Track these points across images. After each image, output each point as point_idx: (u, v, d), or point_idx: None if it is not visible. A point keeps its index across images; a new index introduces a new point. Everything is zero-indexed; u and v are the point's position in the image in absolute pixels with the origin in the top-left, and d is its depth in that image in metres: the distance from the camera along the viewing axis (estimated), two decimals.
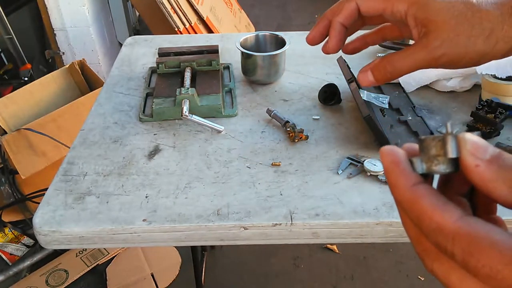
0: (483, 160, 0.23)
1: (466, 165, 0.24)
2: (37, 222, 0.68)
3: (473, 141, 0.24)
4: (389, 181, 0.26)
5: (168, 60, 1.01)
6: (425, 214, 0.24)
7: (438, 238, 0.23)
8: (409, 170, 0.26)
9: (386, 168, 0.26)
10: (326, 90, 0.95)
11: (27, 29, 2.27)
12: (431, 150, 0.25)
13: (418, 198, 0.24)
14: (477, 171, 0.23)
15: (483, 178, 0.23)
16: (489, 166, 0.23)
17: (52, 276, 1.61)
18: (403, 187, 0.25)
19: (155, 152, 0.83)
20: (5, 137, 1.51)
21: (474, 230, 0.22)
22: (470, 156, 0.23)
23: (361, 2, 0.46)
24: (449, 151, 0.24)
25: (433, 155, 0.25)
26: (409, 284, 1.61)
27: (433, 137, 0.25)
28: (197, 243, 0.70)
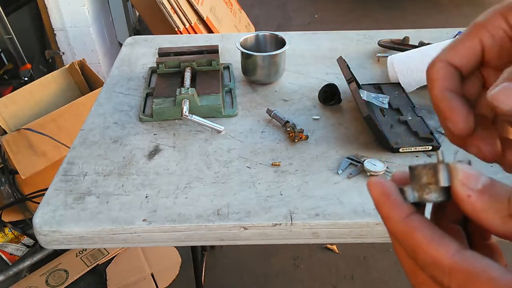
0: (474, 190, 0.23)
1: (458, 195, 0.23)
2: (37, 222, 0.68)
3: (464, 171, 0.23)
4: (381, 214, 0.25)
5: (168, 60, 1.01)
6: (420, 248, 0.23)
7: (434, 272, 0.23)
8: (400, 201, 0.25)
9: (376, 200, 0.25)
10: (326, 90, 0.95)
11: (27, 29, 2.27)
12: (422, 178, 0.25)
13: (412, 231, 0.24)
14: (468, 201, 0.23)
15: (475, 208, 0.23)
16: (481, 197, 0.23)
17: (52, 276, 1.61)
18: (396, 219, 0.24)
19: (155, 152, 0.83)
20: (5, 137, 1.51)
21: (471, 265, 0.22)
22: (462, 186, 0.23)
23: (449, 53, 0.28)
24: (441, 180, 0.24)
25: (424, 183, 0.25)
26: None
27: (423, 165, 0.25)
28: (197, 243, 0.70)
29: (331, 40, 1.23)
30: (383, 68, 1.07)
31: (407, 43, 1.14)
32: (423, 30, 1.24)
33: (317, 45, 1.20)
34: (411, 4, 3.78)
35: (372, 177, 0.26)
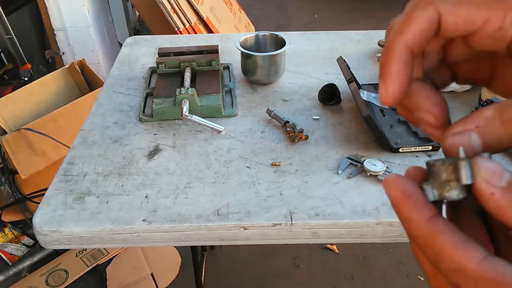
0: (498, 187, 0.22)
1: (481, 193, 0.22)
2: (37, 222, 0.68)
3: (487, 167, 0.22)
4: (401, 215, 0.24)
5: (168, 60, 1.01)
6: (445, 253, 0.22)
7: (458, 280, 0.21)
8: (423, 202, 0.23)
9: (395, 201, 0.23)
10: (326, 90, 0.95)
11: (27, 29, 2.27)
12: (442, 175, 0.23)
13: (436, 235, 0.22)
14: (492, 199, 0.22)
15: (499, 206, 0.22)
16: (505, 194, 0.21)
17: (52, 276, 1.61)
18: (418, 221, 0.23)
19: (155, 152, 0.83)
20: (5, 137, 1.51)
21: (500, 274, 0.21)
22: (485, 183, 0.22)
23: (447, 8, 0.24)
24: (463, 177, 0.22)
25: (444, 180, 0.23)
26: (409, 284, 1.61)
27: (442, 161, 0.23)
28: (197, 243, 0.70)
29: (331, 40, 1.23)
30: None
31: None
32: None
33: (317, 45, 1.20)
34: None
35: (389, 174, 0.25)
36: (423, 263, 0.24)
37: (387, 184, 0.24)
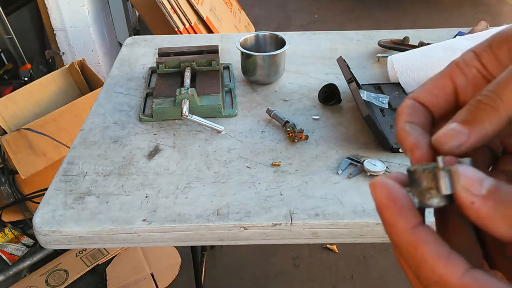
0: (478, 196, 0.21)
1: (461, 202, 0.22)
2: (37, 222, 0.68)
3: (467, 176, 0.22)
4: (384, 220, 0.23)
5: (168, 60, 1.02)
6: (426, 264, 0.21)
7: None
8: (408, 208, 0.23)
9: (380, 204, 0.23)
10: (326, 90, 0.95)
11: (27, 29, 2.27)
12: (422, 182, 0.23)
13: (419, 244, 0.22)
14: (473, 208, 0.21)
15: (480, 215, 0.21)
16: (485, 202, 0.21)
17: (52, 276, 1.61)
18: (402, 228, 0.22)
19: (155, 152, 0.83)
20: (5, 137, 1.51)
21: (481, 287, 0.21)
22: (465, 192, 0.21)
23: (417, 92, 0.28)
24: (442, 188, 0.22)
25: (425, 188, 0.23)
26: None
27: (423, 168, 0.23)
28: (197, 243, 0.70)
29: (331, 40, 1.23)
30: (383, 68, 1.07)
31: (407, 43, 1.14)
32: (423, 30, 1.24)
33: (317, 45, 1.20)
34: (411, 4, 3.78)
35: (375, 177, 0.25)
36: (406, 271, 0.24)
37: (373, 187, 0.24)
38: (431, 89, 0.27)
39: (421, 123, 0.27)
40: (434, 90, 0.27)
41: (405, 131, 0.26)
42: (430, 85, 0.27)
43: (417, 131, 0.26)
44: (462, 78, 0.27)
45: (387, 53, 1.10)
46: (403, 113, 0.27)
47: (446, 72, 0.27)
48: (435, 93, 0.27)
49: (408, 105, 0.27)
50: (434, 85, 0.27)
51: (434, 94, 0.27)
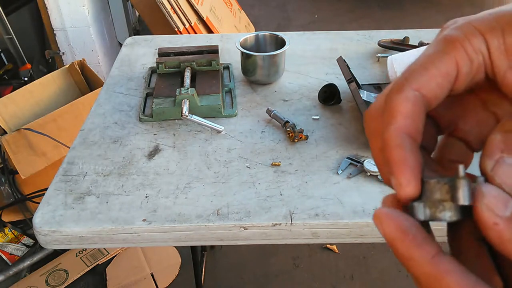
0: (502, 218, 0.19)
1: (483, 221, 0.20)
2: (37, 222, 0.68)
3: (492, 194, 0.20)
4: (399, 253, 0.21)
5: (168, 60, 1.02)
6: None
7: None
8: (423, 238, 0.21)
9: (391, 239, 0.21)
10: (326, 90, 0.95)
11: (27, 29, 2.27)
12: (436, 194, 0.22)
13: (442, 276, 0.20)
14: (495, 229, 0.20)
15: (502, 237, 0.20)
16: (509, 225, 0.19)
17: (52, 276, 1.61)
18: (421, 260, 0.20)
19: (155, 152, 0.83)
20: (5, 137, 1.51)
21: None
22: (488, 212, 0.20)
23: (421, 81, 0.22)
24: (460, 197, 0.21)
25: (438, 199, 0.21)
26: (409, 284, 1.61)
27: (437, 179, 0.22)
28: (197, 243, 0.70)
29: (331, 40, 1.23)
30: (383, 68, 1.07)
31: (407, 43, 1.14)
32: (423, 30, 1.24)
33: (317, 45, 1.20)
34: (411, 4, 3.78)
35: (377, 209, 0.22)
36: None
37: (379, 221, 0.21)
38: (436, 76, 0.22)
39: (418, 133, 0.22)
40: (439, 78, 0.22)
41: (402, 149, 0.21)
42: (435, 71, 0.22)
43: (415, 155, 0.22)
44: (467, 66, 0.23)
45: (387, 53, 1.10)
46: (400, 112, 0.22)
47: (451, 55, 0.22)
48: (439, 81, 0.22)
49: (409, 99, 0.22)
50: (439, 71, 0.22)
51: (439, 83, 0.22)
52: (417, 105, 0.22)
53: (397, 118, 0.22)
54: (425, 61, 0.23)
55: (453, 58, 0.22)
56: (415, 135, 0.22)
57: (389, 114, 0.22)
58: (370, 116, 0.24)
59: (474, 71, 0.23)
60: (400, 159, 0.21)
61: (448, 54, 0.22)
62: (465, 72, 0.22)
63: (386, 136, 0.22)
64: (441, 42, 0.23)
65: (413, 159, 0.21)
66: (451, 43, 0.23)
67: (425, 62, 0.23)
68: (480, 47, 0.22)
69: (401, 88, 0.22)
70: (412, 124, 0.22)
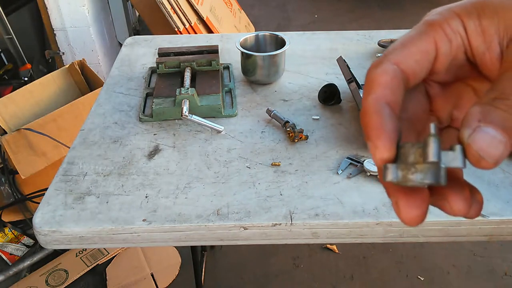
0: None
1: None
2: (37, 222, 0.68)
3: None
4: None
5: (168, 60, 1.02)
6: None
7: None
8: None
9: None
10: (326, 90, 0.95)
11: (27, 29, 2.27)
12: (409, 157, 0.22)
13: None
14: None
15: None
16: None
17: (52, 276, 1.61)
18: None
19: (155, 152, 0.83)
20: (5, 137, 1.51)
21: None
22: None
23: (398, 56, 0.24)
24: (429, 155, 0.21)
25: (411, 162, 0.22)
26: (409, 284, 1.61)
27: (411, 143, 0.22)
28: (197, 243, 0.70)
29: (331, 40, 1.23)
30: None
31: None
32: None
33: (317, 45, 1.20)
34: (411, 4, 3.78)
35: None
36: None
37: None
38: (415, 53, 0.24)
39: (396, 103, 0.23)
40: (417, 55, 0.24)
41: (379, 116, 0.22)
42: (413, 49, 0.24)
43: (392, 121, 0.22)
44: (446, 46, 0.24)
45: None
46: (379, 83, 0.23)
47: (430, 35, 0.24)
48: (418, 59, 0.24)
49: (388, 72, 0.23)
50: (418, 49, 0.24)
51: (418, 60, 0.24)
52: (395, 78, 0.23)
53: (376, 88, 0.23)
54: (405, 40, 0.24)
55: (432, 37, 0.24)
56: (393, 105, 0.23)
57: (368, 86, 0.23)
58: None
59: (454, 51, 0.24)
60: (377, 124, 0.22)
61: (427, 34, 0.24)
62: (444, 52, 0.24)
63: (365, 105, 0.23)
64: (422, 25, 0.25)
65: (389, 124, 0.22)
66: (430, 25, 0.24)
67: (405, 41, 0.24)
68: (458, 29, 0.24)
69: (380, 62, 0.24)
70: (390, 94, 0.23)
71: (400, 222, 0.23)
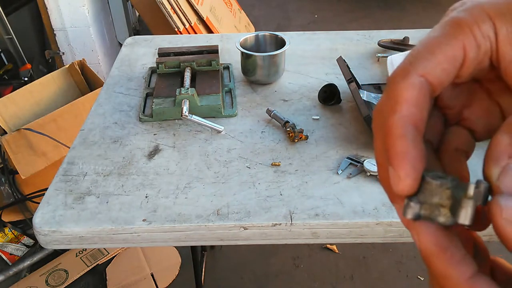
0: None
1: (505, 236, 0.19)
2: (37, 222, 0.68)
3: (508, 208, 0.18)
4: (435, 270, 0.20)
5: (168, 60, 1.01)
6: None
7: None
8: (461, 256, 0.20)
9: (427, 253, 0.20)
10: (326, 90, 0.95)
11: (27, 29, 2.27)
12: (434, 197, 0.20)
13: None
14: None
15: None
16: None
17: (52, 276, 1.61)
18: (458, 279, 0.19)
19: (155, 152, 0.83)
20: (5, 137, 1.51)
21: None
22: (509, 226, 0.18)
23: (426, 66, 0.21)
24: (462, 217, 0.20)
25: (435, 203, 0.20)
26: (409, 284, 1.61)
27: (441, 182, 0.20)
28: (197, 243, 0.70)
29: (331, 40, 1.23)
30: (383, 68, 1.07)
31: (407, 43, 1.14)
32: (423, 30, 1.24)
33: (317, 45, 1.20)
34: (411, 4, 3.78)
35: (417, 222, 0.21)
36: None
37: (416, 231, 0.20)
38: (442, 61, 0.21)
39: (422, 122, 0.21)
40: (445, 64, 0.21)
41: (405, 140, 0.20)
42: (441, 56, 0.21)
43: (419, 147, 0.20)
44: (474, 51, 0.21)
45: (387, 53, 1.10)
46: (405, 100, 0.20)
47: (459, 39, 0.21)
48: (445, 67, 0.21)
49: (415, 86, 0.20)
50: (446, 56, 0.21)
51: (445, 69, 0.21)
52: (423, 93, 0.21)
53: (402, 105, 0.20)
54: (431, 45, 0.21)
55: (460, 42, 0.21)
56: (420, 125, 0.20)
57: (393, 101, 0.21)
58: (377, 109, 0.23)
59: (481, 57, 0.21)
60: (402, 151, 0.20)
61: (456, 38, 0.21)
62: (472, 58, 0.21)
63: (389, 125, 0.20)
64: (448, 25, 0.21)
65: (416, 152, 0.20)
66: (459, 26, 0.21)
67: (431, 45, 0.21)
68: (488, 33, 0.21)
69: (406, 74, 0.21)
70: (417, 113, 0.20)
71: (400, 222, 0.23)
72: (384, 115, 0.21)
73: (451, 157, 0.24)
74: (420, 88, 0.20)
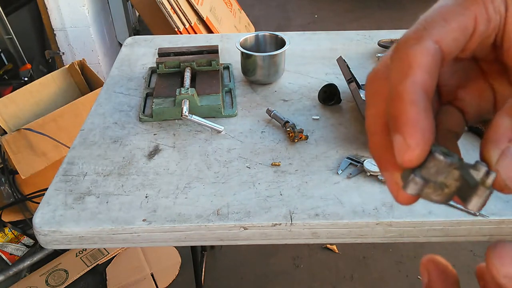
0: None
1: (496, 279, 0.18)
2: (37, 222, 0.68)
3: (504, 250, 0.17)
4: None
5: (168, 60, 1.01)
6: None
7: None
8: None
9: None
10: (326, 90, 0.95)
11: (27, 29, 2.27)
12: (440, 175, 0.19)
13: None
14: None
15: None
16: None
17: (52, 276, 1.61)
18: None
19: (155, 152, 0.83)
20: (5, 137, 1.51)
21: None
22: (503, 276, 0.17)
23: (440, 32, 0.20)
24: (472, 204, 0.19)
25: (440, 182, 0.19)
26: (409, 284, 1.61)
27: (450, 161, 0.19)
28: (197, 243, 0.70)
29: (331, 40, 1.23)
30: None
31: None
32: None
33: (317, 45, 1.20)
34: (411, 4, 3.78)
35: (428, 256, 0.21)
36: None
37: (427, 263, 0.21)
38: (455, 30, 0.20)
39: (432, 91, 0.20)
40: (457, 32, 0.20)
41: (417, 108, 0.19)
42: (454, 24, 0.20)
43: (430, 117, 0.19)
44: (484, 25, 0.20)
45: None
46: (420, 65, 0.19)
47: (472, 10, 0.20)
48: (456, 36, 0.20)
49: (430, 52, 0.19)
50: (458, 25, 0.20)
51: (456, 38, 0.20)
52: (436, 61, 0.20)
53: (416, 70, 0.19)
54: (445, 12, 0.20)
55: (473, 13, 0.20)
56: (430, 94, 0.19)
57: (406, 65, 0.19)
58: (374, 75, 0.22)
59: (489, 32, 0.20)
60: (414, 118, 0.19)
61: (468, 8, 0.20)
62: (481, 31, 0.20)
63: (399, 89, 0.19)
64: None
65: (427, 122, 0.19)
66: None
67: (445, 13, 0.20)
68: (500, 8, 0.20)
69: (420, 38, 0.20)
70: (429, 81, 0.19)
71: (400, 222, 0.23)
72: (393, 79, 0.20)
73: (444, 137, 0.23)
74: (433, 55, 0.19)
